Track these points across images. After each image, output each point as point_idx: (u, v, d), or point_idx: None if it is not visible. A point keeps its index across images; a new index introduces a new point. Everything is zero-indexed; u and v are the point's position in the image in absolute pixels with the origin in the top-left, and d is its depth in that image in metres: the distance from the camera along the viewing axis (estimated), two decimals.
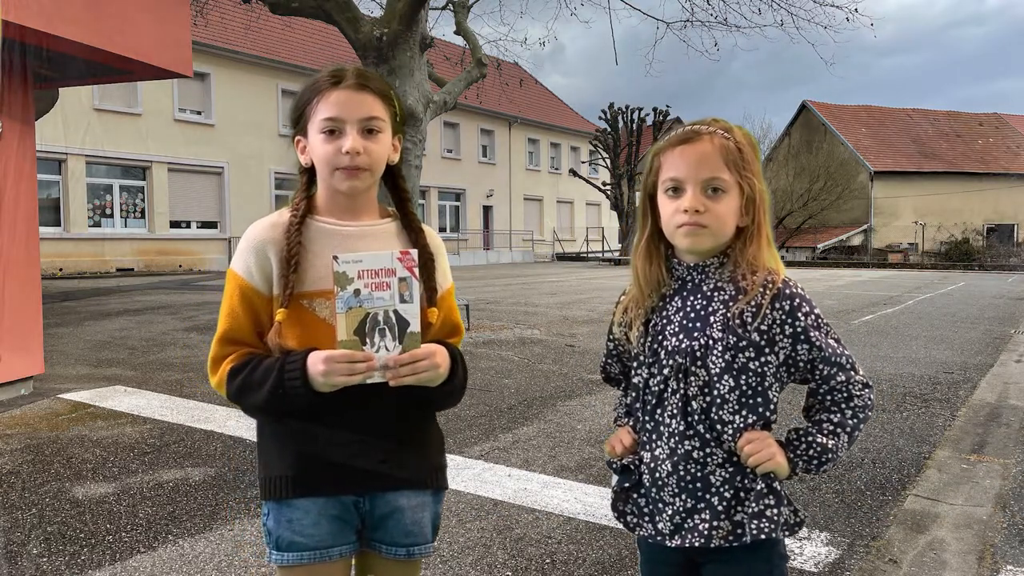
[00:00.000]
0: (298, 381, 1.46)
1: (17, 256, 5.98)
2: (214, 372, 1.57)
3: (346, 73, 1.56)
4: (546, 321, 11.68)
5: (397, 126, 1.62)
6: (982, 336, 10.66)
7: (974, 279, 25.95)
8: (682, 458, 1.51)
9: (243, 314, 1.54)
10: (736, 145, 1.49)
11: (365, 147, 1.53)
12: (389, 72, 9.89)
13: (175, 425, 5.29)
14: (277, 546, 1.57)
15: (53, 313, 11.49)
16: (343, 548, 1.59)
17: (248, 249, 1.56)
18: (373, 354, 1.45)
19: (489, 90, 25.16)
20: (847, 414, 1.49)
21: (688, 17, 12.66)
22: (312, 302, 1.54)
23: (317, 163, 1.57)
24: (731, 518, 1.49)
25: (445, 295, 1.68)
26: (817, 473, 1.51)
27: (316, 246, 1.55)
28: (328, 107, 1.53)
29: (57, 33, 5.55)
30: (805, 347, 1.47)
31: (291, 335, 1.52)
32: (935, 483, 4.23)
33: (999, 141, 45.95)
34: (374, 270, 1.46)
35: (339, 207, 1.60)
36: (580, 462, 4.57)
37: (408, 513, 1.62)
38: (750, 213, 1.51)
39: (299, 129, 1.61)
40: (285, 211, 1.60)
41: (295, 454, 1.56)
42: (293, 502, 1.55)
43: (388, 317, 1.47)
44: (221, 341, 1.56)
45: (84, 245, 22.48)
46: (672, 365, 1.51)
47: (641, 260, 1.59)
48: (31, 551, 3.22)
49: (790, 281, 1.50)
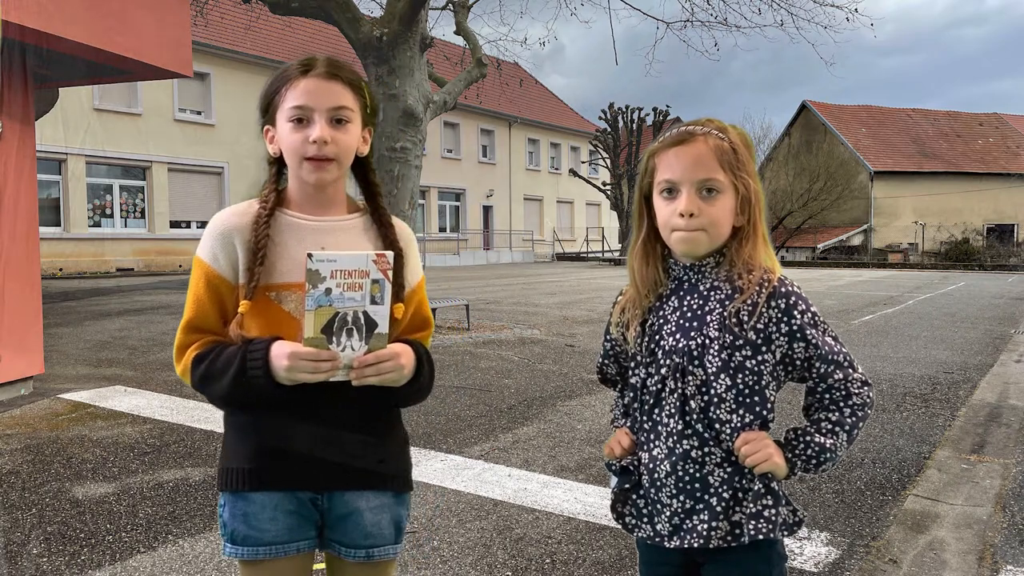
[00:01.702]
0: (260, 370, 1.44)
1: (17, 256, 5.98)
2: (179, 360, 1.55)
3: (316, 62, 1.54)
4: (546, 321, 11.68)
5: (368, 118, 1.59)
6: (982, 336, 10.66)
7: (974, 279, 25.95)
8: (680, 458, 1.51)
9: (208, 302, 1.52)
10: (731, 145, 1.50)
11: (333, 136, 1.50)
12: (389, 72, 9.90)
13: (175, 425, 5.29)
14: (232, 539, 1.55)
15: (53, 313, 11.49)
16: (301, 544, 1.57)
17: (214, 236, 1.53)
18: (338, 353, 1.44)
19: (489, 90, 25.19)
20: (845, 412, 1.48)
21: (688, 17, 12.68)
22: (278, 294, 1.52)
23: (285, 153, 1.55)
24: (729, 518, 1.49)
25: (416, 289, 1.66)
26: (816, 473, 1.51)
27: (283, 238, 1.53)
28: (296, 95, 1.50)
29: (57, 33, 5.55)
30: (801, 345, 1.47)
31: (254, 327, 1.50)
32: (935, 483, 4.23)
33: (999, 141, 45.94)
34: (348, 271, 1.44)
35: (308, 200, 1.58)
36: (580, 462, 4.57)
37: (367, 515, 1.59)
38: (745, 213, 1.51)
39: (268, 119, 1.58)
40: (254, 202, 1.58)
41: (255, 447, 1.54)
42: (249, 495, 1.53)
43: (357, 318, 1.45)
44: (186, 329, 1.54)
45: (84, 245, 22.47)
46: (669, 365, 1.51)
47: (638, 261, 1.59)
48: (31, 551, 3.22)
49: (786, 279, 1.50)
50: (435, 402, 6.06)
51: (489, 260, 36.11)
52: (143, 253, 23.91)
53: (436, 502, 3.85)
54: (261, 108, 1.60)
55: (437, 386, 4.69)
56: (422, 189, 30.42)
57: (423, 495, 3.95)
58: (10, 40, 5.35)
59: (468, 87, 11.71)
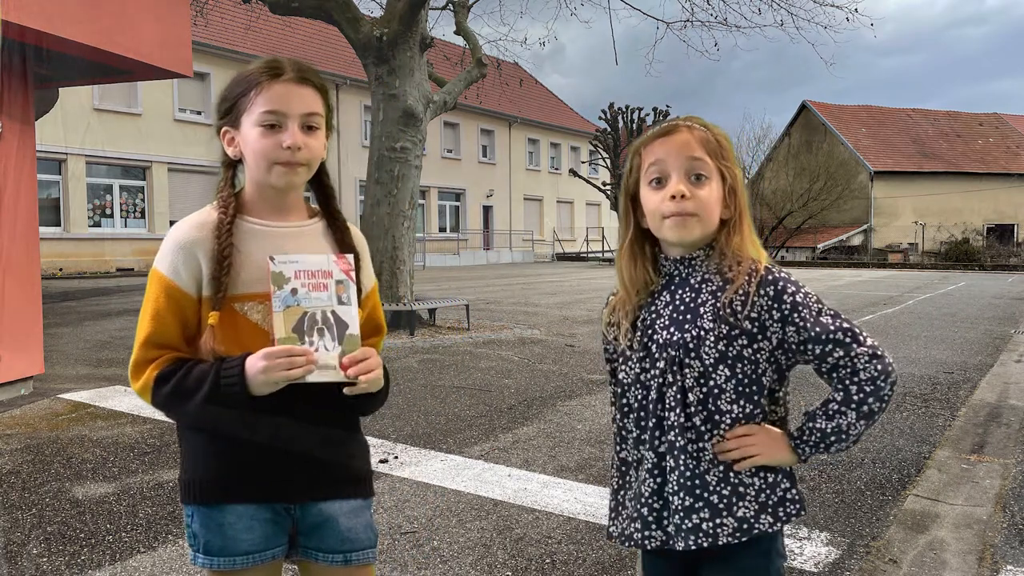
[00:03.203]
0: (236, 387, 1.41)
1: (17, 256, 5.98)
2: (136, 377, 1.51)
3: (285, 66, 1.51)
4: (546, 321, 11.68)
5: (329, 123, 1.59)
6: (982, 336, 10.66)
7: (974, 279, 25.94)
8: (681, 451, 1.50)
9: (169, 316, 1.49)
10: (714, 137, 1.53)
11: (305, 142, 1.49)
12: (389, 72, 9.90)
13: (175, 425, 5.28)
14: (206, 550, 1.54)
15: (53, 313, 11.49)
16: (276, 551, 1.57)
17: (175, 249, 1.50)
18: (312, 350, 1.44)
19: (489, 90, 25.16)
20: (852, 390, 1.44)
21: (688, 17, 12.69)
22: (244, 305, 1.49)
23: (251, 157, 1.52)
24: (734, 514, 1.48)
25: (370, 294, 1.66)
26: (831, 454, 1.48)
27: (247, 246, 1.51)
28: (269, 100, 1.48)
29: (57, 33, 5.55)
30: (792, 329, 1.46)
31: (224, 338, 1.47)
32: (935, 483, 4.23)
33: (999, 141, 45.95)
34: (311, 271, 1.46)
35: (268, 205, 1.56)
36: (580, 462, 4.57)
37: (343, 520, 1.59)
38: (732, 203, 1.54)
39: (228, 120, 1.54)
40: (211, 209, 1.55)
41: (220, 458, 1.52)
42: (225, 506, 1.52)
43: (326, 317, 1.46)
44: (145, 345, 1.50)
45: (84, 245, 22.48)
46: (666, 358, 1.51)
47: (626, 261, 1.60)
48: (31, 551, 3.22)
49: (772, 267, 1.50)
50: (435, 402, 6.06)
51: (489, 260, 36.11)
52: (143, 253, 23.90)
53: (436, 502, 3.85)
54: (222, 109, 1.55)
55: (437, 386, 4.64)
56: (422, 189, 30.41)
57: (423, 495, 3.95)
58: (10, 40, 5.35)
59: (468, 87, 11.70)
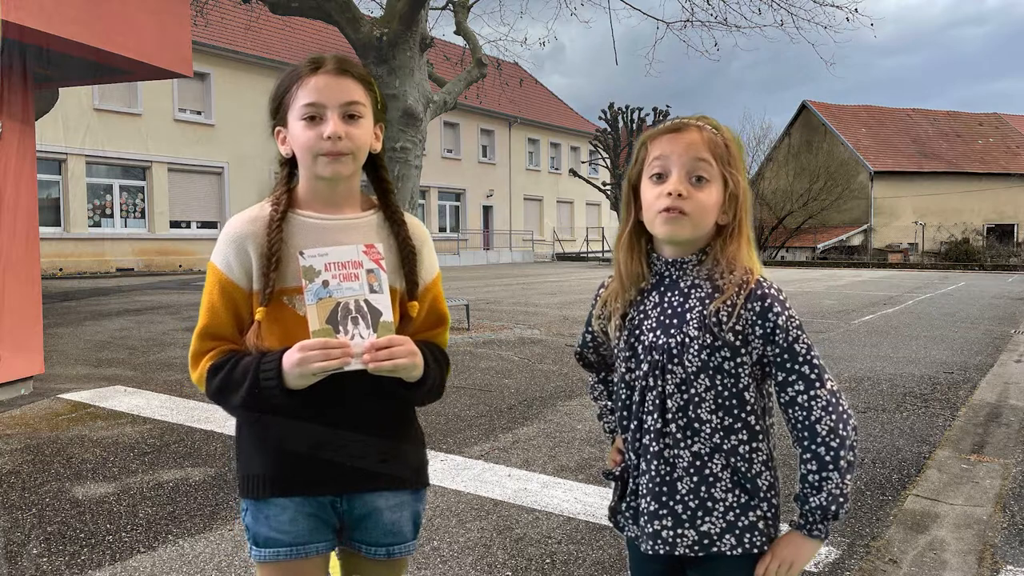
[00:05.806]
0: (273, 381, 1.44)
1: (17, 256, 5.98)
2: (194, 367, 1.56)
3: (325, 60, 1.53)
4: (546, 321, 11.68)
5: (378, 114, 1.58)
6: (982, 336, 10.66)
7: (974, 279, 25.94)
8: (655, 456, 1.49)
9: (223, 309, 1.52)
10: (723, 141, 1.50)
11: (347, 132, 1.49)
12: (389, 72, 9.90)
13: (175, 425, 5.29)
14: (255, 542, 1.58)
15: (53, 313, 11.49)
16: (320, 545, 1.59)
17: (228, 243, 1.53)
18: (348, 341, 1.44)
19: (489, 90, 25.16)
20: (820, 451, 1.40)
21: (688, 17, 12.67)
22: (292, 298, 1.51)
23: (298, 151, 1.53)
24: (696, 528, 1.46)
25: (430, 286, 1.65)
26: (843, 517, 1.43)
27: (297, 240, 1.52)
28: (308, 93, 1.50)
29: (57, 33, 5.55)
30: (770, 348, 1.45)
31: (272, 332, 1.50)
32: (935, 483, 4.23)
33: (999, 141, 45.93)
34: (341, 262, 1.46)
35: (320, 199, 1.56)
36: (580, 462, 4.57)
37: (387, 513, 1.61)
38: (732, 210, 1.50)
39: (279, 120, 1.57)
40: (266, 204, 1.56)
41: (271, 453, 1.55)
42: (270, 500, 1.55)
43: (360, 306, 1.46)
44: (201, 336, 1.54)
45: (84, 245, 22.47)
46: (650, 361, 1.50)
47: (623, 252, 1.58)
48: (31, 551, 3.22)
49: (764, 281, 1.47)
50: (435, 402, 6.06)
51: (489, 260, 36.10)
52: (143, 253, 23.91)
53: (436, 502, 3.85)
54: (271, 109, 1.58)
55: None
56: (422, 189, 30.42)
57: None
58: (10, 40, 5.35)
59: (468, 87, 11.71)
